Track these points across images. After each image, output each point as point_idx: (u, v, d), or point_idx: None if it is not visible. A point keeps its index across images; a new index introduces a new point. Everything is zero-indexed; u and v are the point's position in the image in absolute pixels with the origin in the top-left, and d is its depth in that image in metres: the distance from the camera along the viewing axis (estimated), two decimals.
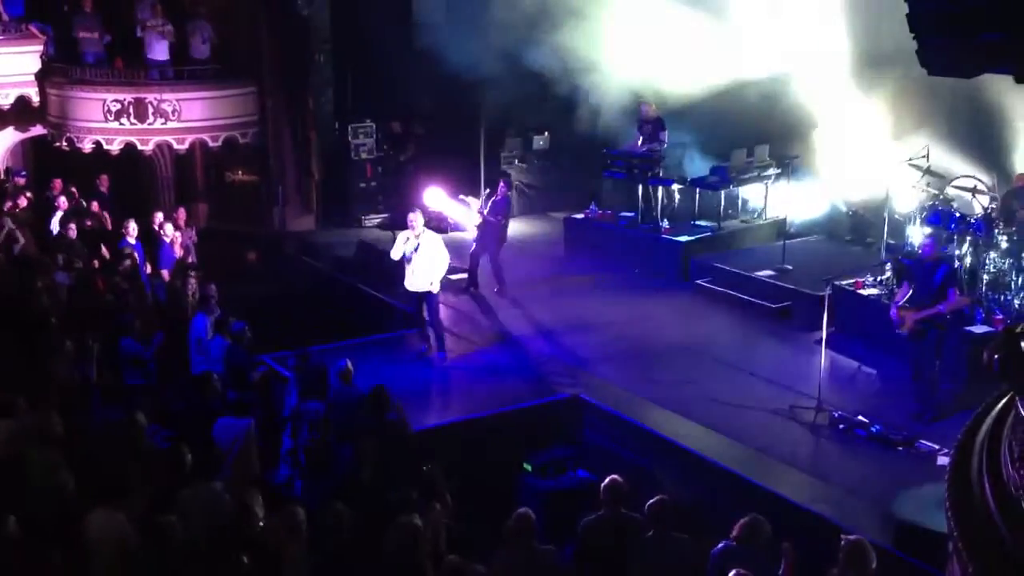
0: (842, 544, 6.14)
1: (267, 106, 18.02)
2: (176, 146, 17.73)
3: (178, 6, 17.98)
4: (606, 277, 14.69)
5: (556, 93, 15.87)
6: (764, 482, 8.88)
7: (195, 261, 14.11)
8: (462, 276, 14.10)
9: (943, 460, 8.87)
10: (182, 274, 13.24)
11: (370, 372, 10.16)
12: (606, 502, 7.09)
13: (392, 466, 8.04)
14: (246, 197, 19.12)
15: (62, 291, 12.34)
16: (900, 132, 13.99)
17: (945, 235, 11.61)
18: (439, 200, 15.81)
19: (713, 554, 6.58)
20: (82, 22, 17.68)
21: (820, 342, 10.59)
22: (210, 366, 10.07)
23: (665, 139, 15.17)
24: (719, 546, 6.60)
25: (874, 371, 11.42)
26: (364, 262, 15.81)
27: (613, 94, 15.75)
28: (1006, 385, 5.17)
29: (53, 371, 9.27)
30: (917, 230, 12.23)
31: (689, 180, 15.65)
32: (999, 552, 4.21)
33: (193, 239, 15.03)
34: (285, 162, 18.26)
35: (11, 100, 18.46)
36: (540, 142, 18.54)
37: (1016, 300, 11.01)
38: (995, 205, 11.93)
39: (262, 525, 6.47)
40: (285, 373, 10.41)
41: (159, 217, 14.59)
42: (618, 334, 12.59)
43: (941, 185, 12.79)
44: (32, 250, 14.16)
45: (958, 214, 11.77)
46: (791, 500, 8.57)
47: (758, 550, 6.50)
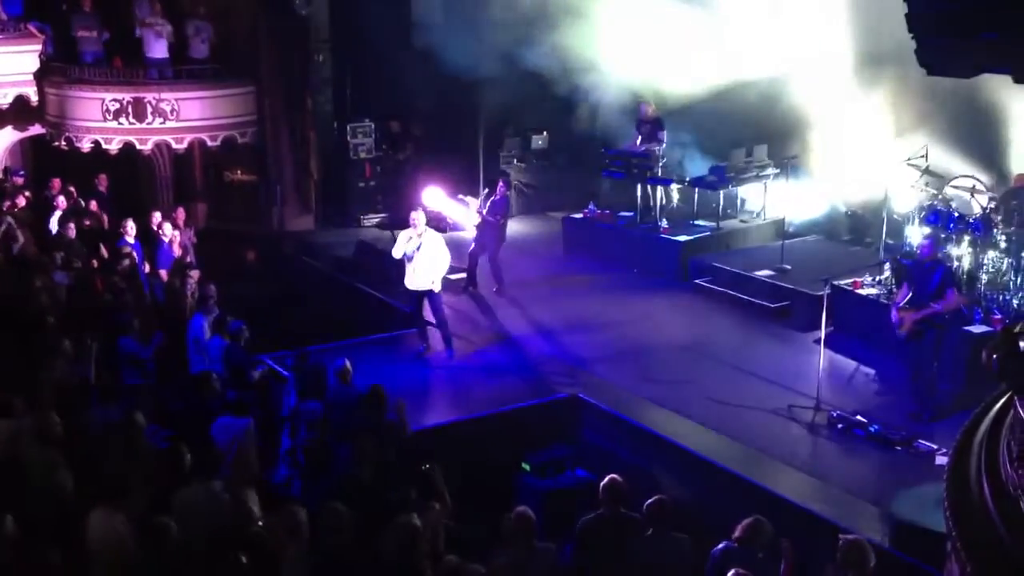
0: (840, 543, 6.14)
1: (266, 106, 18.00)
2: (175, 146, 17.71)
3: (177, 5, 17.97)
4: (605, 277, 14.70)
5: (555, 93, 15.89)
6: (763, 482, 8.89)
7: (194, 261, 14.06)
8: (461, 276, 14.11)
9: (941, 460, 8.88)
10: (181, 274, 13.22)
11: (369, 372, 10.15)
12: (605, 502, 7.08)
13: (390, 466, 8.04)
14: (245, 197, 19.12)
15: (61, 291, 12.32)
16: (899, 132, 13.99)
17: (944, 235, 11.61)
18: (438, 200, 15.79)
19: (713, 554, 6.57)
20: (81, 21, 17.67)
21: (819, 342, 10.61)
22: (209, 366, 10.06)
23: (664, 139, 15.15)
24: (720, 546, 6.59)
25: (873, 371, 11.41)
26: (363, 262, 15.80)
27: (612, 94, 15.76)
28: (1004, 385, 5.17)
29: (51, 371, 9.25)
30: (916, 230, 12.24)
31: (688, 180, 15.65)
32: (997, 552, 4.22)
33: (192, 239, 15.00)
34: (284, 162, 18.23)
35: (10, 99, 18.39)
36: (539, 142, 18.55)
37: (1015, 300, 11.01)
38: (994, 205, 11.93)
39: (261, 525, 6.46)
40: (284, 373, 10.41)
41: (158, 217, 14.54)
42: (617, 334, 12.59)
43: (940, 185, 12.79)
44: (31, 249, 14.12)
45: (957, 214, 11.78)
46: (790, 499, 8.57)
47: (759, 551, 6.49)
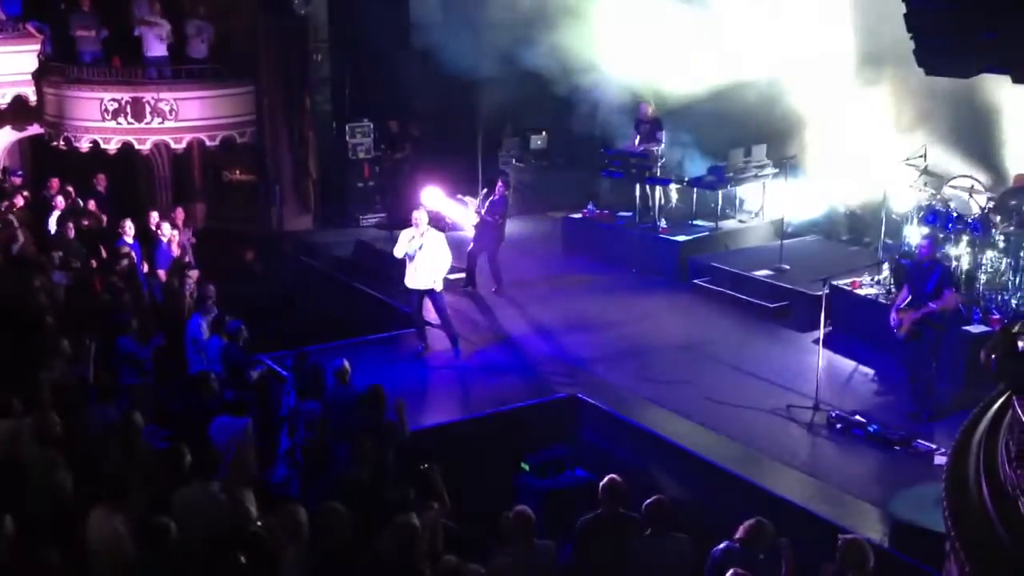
0: (839, 543, 6.15)
1: (265, 105, 17.98)
2: (174, 145, 17.72)
3: (176, 5, 17.98)
4: (604, 277, 14.69)
5: (554, 93, 15.88)
6: (761, 481, 8.90)
7: (192, 261, 14.06)
8: (460, 276, 14.10)
9: (940, 460, 8.89)
10: (179, 274, 13.21)
11: (368, 372, 10.15)
12: (604, 501, 7.08)
13: (389, 466, 8.04)
14: (244, 196, 19.12)
15: (59, 290, 12.32)
16: (898, 132, 13.99)
17: (942, 235, 11.61)
18: (437, 199, 15.78)
19: (713, 554, 6.56)
20: (79, 20, 17.67)
21: (818, 342, 10.61)
22: (207, 366, 10.06)
23: (662, 139, 15.15)
24: (720, 546, 6.58)
25: (871, 371, 11.41)
26: (362, 262, 15.80)
27: (611, 94, 15.75)
28: (1003, 385, 5.18)
29: (50, 371, 9.24)
30: (914, 230, 12.22)
31: (687, 180, 15.65)
32: (996, 551, 4.22)
33: (190, 239, 15.00)
34: (283, 162, 18.21)
35: (8, 99, 18.39)
36: (538, 142, 18.54)
37: (1013, 300, 11.01)
38: (992, 205, 11.93)
39: (260, 524, 6.46)
40: (283, 373, 10.41)
41: (156, 216, 14.56)
42: (616, 334, 12.59)
43: (938, 185, 12.78)
44: (29, 249, 14.11)
45: (955, 214, 11.77)
46: (788, 499, 8.58)
47: (760, 553, 6.49)
